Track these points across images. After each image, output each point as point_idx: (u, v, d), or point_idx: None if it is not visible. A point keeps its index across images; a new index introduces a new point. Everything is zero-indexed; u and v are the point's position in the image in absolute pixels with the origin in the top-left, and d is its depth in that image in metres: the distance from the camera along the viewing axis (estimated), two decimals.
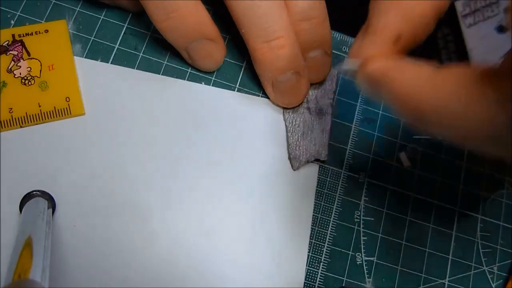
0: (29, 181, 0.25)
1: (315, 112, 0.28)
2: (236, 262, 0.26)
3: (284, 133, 0.28)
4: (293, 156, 0.27)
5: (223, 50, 0.27)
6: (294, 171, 0.27)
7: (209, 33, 0.26)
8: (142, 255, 0.25)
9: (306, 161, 0.27)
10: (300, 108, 0.28)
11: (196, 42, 0.26)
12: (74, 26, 0.28)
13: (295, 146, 0.28)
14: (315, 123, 0.28)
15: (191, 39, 0.26)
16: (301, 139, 0.28)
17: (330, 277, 0.27)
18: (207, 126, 0.27)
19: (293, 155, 0.27)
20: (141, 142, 0.26)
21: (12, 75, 0.26)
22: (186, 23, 0.25)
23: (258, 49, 0.25)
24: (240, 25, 0.25)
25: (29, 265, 0.19)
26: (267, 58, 0.25)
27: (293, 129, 0.28)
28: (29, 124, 0.26)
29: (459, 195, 0.30)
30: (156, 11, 0.24)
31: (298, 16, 0.26)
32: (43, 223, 0.22)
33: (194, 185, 0.26)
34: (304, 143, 0.28)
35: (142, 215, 0.25)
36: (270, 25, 0.25)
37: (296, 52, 0.26)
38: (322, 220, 0.27)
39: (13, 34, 0.26)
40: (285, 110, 0.28)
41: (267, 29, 0.25)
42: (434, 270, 0.28)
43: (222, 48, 0.27)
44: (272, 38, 0.25)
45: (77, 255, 0.24)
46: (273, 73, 0.26)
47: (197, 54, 0.26)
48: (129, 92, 0.27)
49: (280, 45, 0.25)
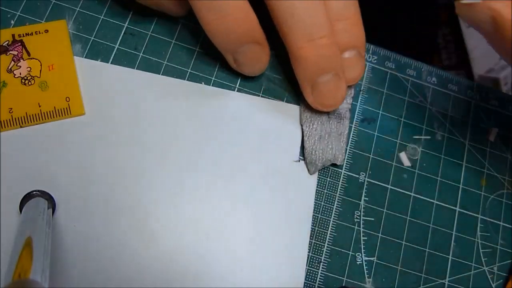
0: (29, 181, 0.25)
1: (334, 116, 0.28)
2: (236, 262, 0.26)
3: (285, 133, 0.28)
4: (309, 160, 0.27)
5: (269, 55, 0.27)
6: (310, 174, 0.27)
7: (258, 37, 0.25)
8: (142, 255, 0.25)
9: (322, 165, 0.27)
10: (318, 112, 0.28)
11: (246, 46, 0.25)
12: (74, 26, 0.28)
13: (311, 150, 0.27)
14: (333, 127, 0.28)
15: (242, 43, 0.25)
16: (318, 143, 0.28)
17: (330, 277, 0.27)
18: (207, 126, 0.27)
19: (309, 159, 0.27)
20: (141, 142, 0.26)
21: (12, 75, 0.26)
22: (238, 26, 0.24)
23: (301, 48, 0.25)
24: (282, 24, 0.25)
25: (29, 265, 0.19)
26: (310, 57, 0.25)
27: (310, 133, 0.28)
28: (29, 124, 0.26)
29: (459, 195, 0.30)
30: (208, 14, 0.24)
31: (333, 16, 0.25)
32: (43, 223, 0.22)
33: (194, 185, 0.26)
34: (321, 147, 0.28)
35: (142, 215, 0.25)
36: (314, 24, 0.24)
37: (337, 52, 0.26)
38: (322, 220, 0.27)
39: (13, 34, 0.26)
40: (303, 114, 0.28)
41: (312, 28, 0.24)
42: (434, 270, 0.28)
43: (268, 52, 0.27)
44: (317, 37, 0.25)
45: (77, 255, 0.24)
46: (314, 73, 0.26)
47: (245, 58, 0.26)
48: (129, 92, 0.27)
49: (323, 44, 0.25)
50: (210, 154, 0.27)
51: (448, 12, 0.52)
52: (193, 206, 0.26)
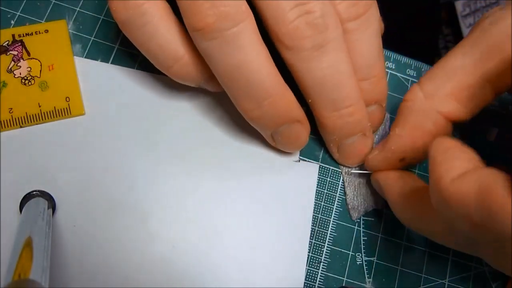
0: (29, 181, 0.25)
1: None
2: (236, 262, 0.26)
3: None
4: (352, 206, 0.28)
5: (309, 131, 0.26)
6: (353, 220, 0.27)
7: (297, 116, 0.25)
8: (142, 255, 0.25)
9: (365, 210, 0.28)
10: None
11: (284, 126, 0.25)
12: (74, 26, 0.28)
13: (353, 197, 0.28)
14: None
15: (281, 124, 0.24)
16: (358, 188, 0.28)
17: (330, 277, 0.27)
18: (207, 126, 0.27)
19: (351, 205, 0.28)
20: (141, 142, 0.26)
21: (12, 75, 0.26)
22: (277, 109, 0.23)
23: (327, 117, 0.25)
24: (309, 95, 0.24)
25: (29, 265, 0.19)
26: (336, 125, 0.25)
27: (350, 179, 0.28)
28: (29, 124, 0.26)
29: None
30: (247, 102, 0.23)
31: (360, 75, 0.25)
32: (43, 223, 0.22)
33: (194, 185, 0.26)
34: (362, 192, 0.28)
35: (142, 215, 0.25)
36: (341, 95, 0.24)
37: (364, 115, 0.26)
38: (322, 220, 0.27)
39: (13, 34, 0.26)
40: None
41: (338, 99, 0.24)
42: (434, 270, 0.28)
43: (308, 128, 0.26)
44: (343, 107, 0.24)
45: (77, 255, 0.24)
46: (340, 138, 0.26)
47: (284, 137, 0.25)
48: (129, 92, 0.27)
49: (350, 113, 0.25)
50: (210, 154, 0.27)
51: (448, 12, 0.52)
52: (193, 206, 0.26)
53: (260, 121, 0.24)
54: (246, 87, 0.23)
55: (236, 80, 0.22)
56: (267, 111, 0.23)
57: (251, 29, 0.22)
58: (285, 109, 0.24)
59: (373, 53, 0.25)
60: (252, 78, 0.22)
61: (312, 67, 0.23)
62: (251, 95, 0.23)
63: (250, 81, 0.22)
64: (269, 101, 0.23)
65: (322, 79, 0.24)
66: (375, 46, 0.26)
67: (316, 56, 0.23)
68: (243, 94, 0.23)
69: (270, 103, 0.23)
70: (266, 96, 0.23)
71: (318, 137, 0.28)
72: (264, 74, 0.22)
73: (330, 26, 0.23)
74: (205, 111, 0.28)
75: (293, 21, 0.22)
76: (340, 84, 0.24)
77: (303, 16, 0.22)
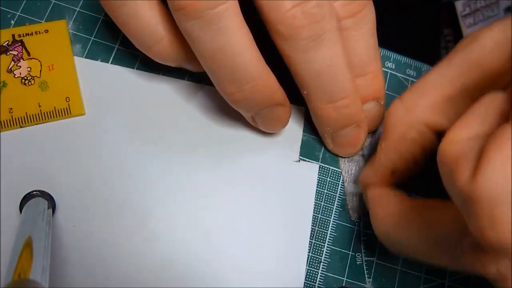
0: (29, 181, 0.25)
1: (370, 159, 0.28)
2: (235, 262, 0.26)
3: (285, 133, 0.28)
4: (351, 206, 0.28)
5: (290, 112, 0.26)
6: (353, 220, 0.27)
7: (279, 99, 0.25)
8: (142, 255, 0.25)
9: (364, 210, 0.27)
10: (355, 156, 0.28)
11: (266, 109, 0.25)
12: (74, 26, 0.28)
13: (352, 197, 0.28)
14: None
15: (262, 107, 0.24)
16: (358, 188, 0.28)
17: (330, 277, 0.27)
18: (207, 126, 0.27)
19: (350, 205, 0.28)
20: (141, 142, 0.26)
21: (12, 75, 0.26)
22: (259, 92, 0.23)
23: (322, 108, 0.25)
24: (304, 86, 0.24)
25: (29, 265, 0.19)
26: (331, 117, 0.25)
27: (350, 179, 0.28)
28: (29, 124, 0.26)
29: None
30: (229, 85, 0.23)
31: (355, 71, 0.25)
32: (43, 223, 0.22)
33: (194, 185, 0.26)
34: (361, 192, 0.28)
35: (142, 215, 0.25)
36: (336, 87, 0.24)
37: (359, 108, 0.26)
38: (322, 220, 0.27)
39: (13, 34, 0.26)
40: (341, 160, 0.28)
41: (334, 91, 0.24)
42: (434, 270, 0.28)
43: (289, 110, 0.26)
44: (338, 98, 0.25)
45: (77, 255, 0.24)
46: (334, 129, 0.26)
47: (265, 120, 0.25)
48: (129, 92, 0.27)
49: (345, 104, 0.25)
50: (210, 154, 0.27)
51: (448, 12, 0.52)
52: (193, 206, 0.26)
53: (242, 104, 0.24)
54: (228, 70, 0.22)
55: (218, 62, 0.22)
56: (250, 94, 0.23)
57: (235, 12, 0.21)
58: (268, 93, 0.24)
59: (369, 50, 0.26)
60: (235, 61, 0.22)
61: (309, 58, 0.23)
62: (234, 78, 0.23)
63: (233, 64, 0.22)
64: (251, 84, 0.23)
65: (318, 71, 0.24)
66: (370, 44, 0.26)
67: (313, 46, 0.23)
68: (225, 77, 0.23)
69: (253, 86, 0.23)
70: (249, 79, 0.23)
71: (318, 137, 0.28)
72: (247, 57, 0.22)
73: (326, 16, 0.23)
74: (205, 111, 0.28)
75: (290, 10, 0.22)
76: (336, 75, 0.24)
77: (300, 5, 0.22)
